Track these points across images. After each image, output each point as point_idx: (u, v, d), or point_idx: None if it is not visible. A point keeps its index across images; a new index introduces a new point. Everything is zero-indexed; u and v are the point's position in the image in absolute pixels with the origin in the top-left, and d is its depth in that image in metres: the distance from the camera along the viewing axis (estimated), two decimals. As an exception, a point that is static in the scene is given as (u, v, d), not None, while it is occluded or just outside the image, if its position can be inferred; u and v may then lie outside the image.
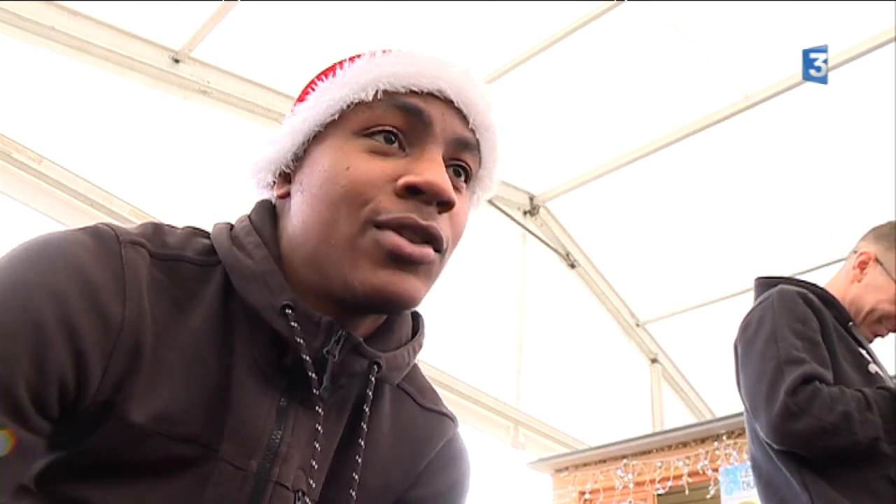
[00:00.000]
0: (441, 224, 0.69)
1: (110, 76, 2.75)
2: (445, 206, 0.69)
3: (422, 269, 0.69)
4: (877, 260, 1.71)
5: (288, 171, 0.75)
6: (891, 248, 1.72)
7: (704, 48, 3.37)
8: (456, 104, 0.72)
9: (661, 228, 4.24)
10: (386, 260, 0.67)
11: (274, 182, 0.76)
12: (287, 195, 0.74)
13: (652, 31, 3.31)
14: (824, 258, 3.91)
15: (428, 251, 0.68)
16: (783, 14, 3.06)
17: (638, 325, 4.86)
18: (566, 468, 3.93)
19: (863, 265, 1.72)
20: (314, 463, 0.70)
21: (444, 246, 0.71)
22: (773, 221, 4.01)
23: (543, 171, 4.17)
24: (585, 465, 3.85)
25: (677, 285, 4.54)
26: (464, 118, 0.73)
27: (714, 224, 4.14)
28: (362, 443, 0.73)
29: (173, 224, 0.76)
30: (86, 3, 2.64)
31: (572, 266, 4.60)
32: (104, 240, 0.66)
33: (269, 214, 0.76)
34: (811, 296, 1.61)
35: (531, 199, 4.35)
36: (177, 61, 2.91)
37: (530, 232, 4.40)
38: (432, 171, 0.68)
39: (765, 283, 1.73)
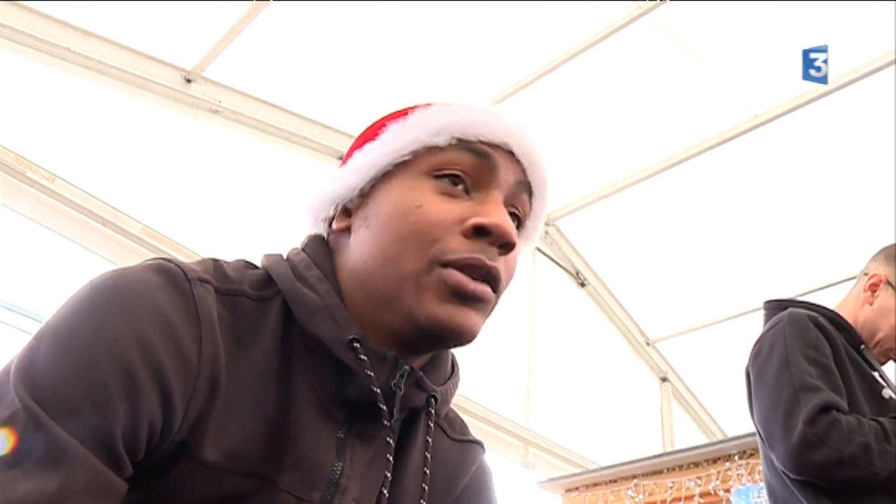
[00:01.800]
0: (500, 265, 0.73)
1: (123, 96, 2.78)
2: (506, 248, 0.73)
3: (480, 306, 0.72)
4: (888, 282, 1.68)
5: (351, 206, 0.77)
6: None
7: (713, 67, 3.38)
8: (517, 157, 0.77)
9: (672, 247, 4.23)
10: (450, 295, 0.69)
11: (334, 216, 0.79)
12: (346, 229, 0.77)
13: (661, 51, 3.32)
14: (835, 276, 3.88)
15: (487, 289, 0.71)
16: (793, 32, 3.06)
17: (648, 343, 4.83)
18: (576, 488, 3.89)
19: (874, 287, 1.70)
20: (385, 492, 0.71)
21: (500, 286, 0.74)
22: (784, 240, 4.00)
23: (553, 190, 4.16)
24: (596, 485, 3.81)
25: (687, 304, 4.52)
26: (523, 170, 0.77)
27: (724, 242, 4.13)
28: (428, 471, 0.76)
29: (226, 259, 0.77)
30: (100, 24, 2.67)
31: (582, 284, 4.59)
32: (175, 278, 0.67)
33: (324, 248, 0.78)
34: (822, 319, 1.59)
35: (541, 217, 4.35)
36: (189, 81, 2.93)
37: (540, 250, 4.40)
38: (498, 214, 0.72)
39: (774, 307, 1.71)
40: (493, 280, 0.72)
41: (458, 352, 0.79)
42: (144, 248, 2.69)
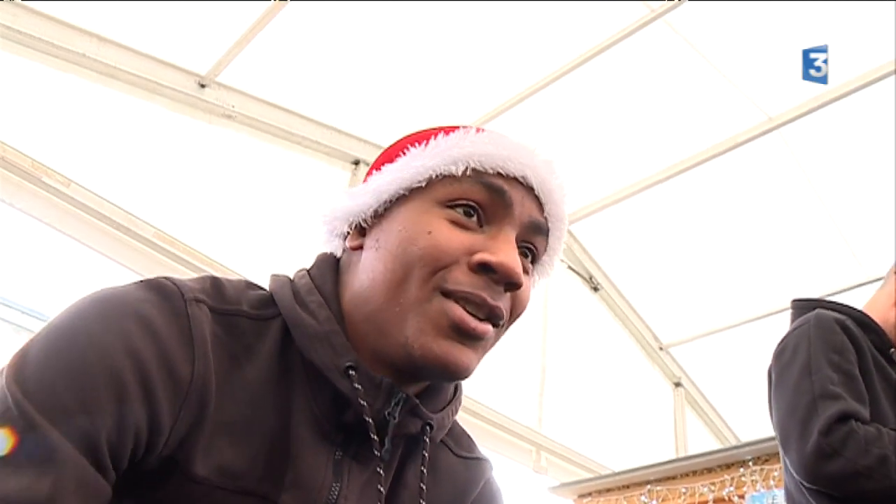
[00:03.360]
0: (504, 303, 0.73)
1: (138, 101, 2.80)
2: (513, 287, 0.72)
3: (479, 344, 0.72)
4: None
5: (365, 225, 0.77)
6: None
7: (727, 70, 3.37)
8: (536, 192, 0.76)
9: (685, 251, 4.21)
10: (449, 330, 0.69)
11: (348, 233, 0.79)
12: (358, 248, 0.77)
13: (675, 55, 3.31)
14: (850, 280, 3.86)
15: (488, 328, 0.71)
16: (806, 35, 3.05)
17: (661, 348, 4.81)
18: (589, 493, 3.88)
19: None
20: None
21: (503, 322, 0.74)
22: (798, 244, 3.97)
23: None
24: (609, 490, 3.79)
25: (700, 308, 4.50)
26: (540, 206, 0.76)
27: (737, 247, 4.11)
28: (423, 502, 0.75)
29: (228, 277, 0.78)
30: (115, 30, 2.69)
31: (595, 289, 4.57)
32: (170, 297, 0.68)
33: (330, 271, 0.78)
34: (849, 322, 1.55)
35: (553, 221, 4.34)
36: (202, 86, 2.95)
37: (552, 255, 4.38)
38: (507, 252, 0.71)
39: (802, 307, 1.67)
40: (496, 319, 0.72)
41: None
42: (157, 253, 2.70)
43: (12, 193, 2.43)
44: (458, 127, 0.78)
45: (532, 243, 0.77)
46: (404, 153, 0.77)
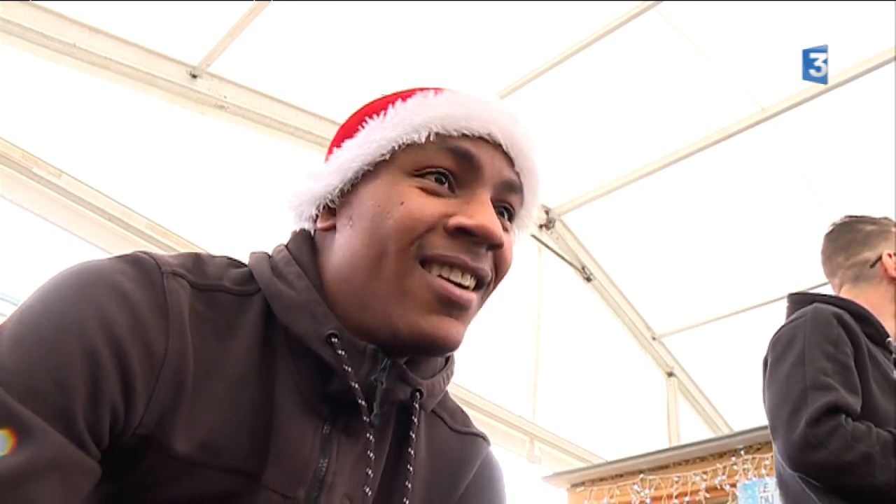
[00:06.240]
0: (487, 263, 0.72)
1: (129, 92, 2.78)
2: (495, 247, 0.72)
3: (463, 314, 0.71)
4: (891, 254, 1.70)
5: (333, 206, 0.76)
6: (882, 235, 1.72)
7: (720, 60, 3.37)
8: (504, 148, 0.74)
9: (677, 241, 4.22)
10: (434, 304, 0.69)
11: (317, 215, 0.77)
12: (331, 229, 0.76)
13: (668, 44, 3.31)
14: (842, 271, 3.87)
15: (472, 296, 0.71)
16: (799, 26, 3.05)
17: (654, 338, 4.83)
18: (582, 483, 3.89)
19: (888, 268, 1.70)
20: (367, 490, 0.70)
21: (488, 282, 0.73)
22: (790, 234, 3.98)
23: (559, 185, 4.17)
24: (602, 479, 3.81)
25: (693, 299, 4.51)
26: (510, 161, 0.75)
27: (730, 237, 4.12)
28: (411, 468, 0.74)
29: (212, 253, 0.77)
30: (106, 21, 2.68)
31: (588, 279, 4.58)
32: (146, 270, 0.67)
33: (307, 244, 0.77)
34: (847, 316, 1.55)
35: (547, 212, 4.35)
36: (194, 76, 2.93)
37: (546, 245, 4.39)
38: (483, 214, 0.70)
39: (799, 300, 1.68)
40: (479, 280, 0.72)
41: (465, 343, 0.77)
42: (150, 244, 2.69)
43: (3, 185, 2.42)
44: (415, 91, 0.76)
45: (507, 202, 0.76)
46: (363, 126, 0.75)
